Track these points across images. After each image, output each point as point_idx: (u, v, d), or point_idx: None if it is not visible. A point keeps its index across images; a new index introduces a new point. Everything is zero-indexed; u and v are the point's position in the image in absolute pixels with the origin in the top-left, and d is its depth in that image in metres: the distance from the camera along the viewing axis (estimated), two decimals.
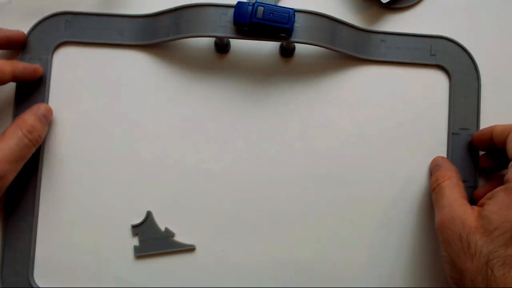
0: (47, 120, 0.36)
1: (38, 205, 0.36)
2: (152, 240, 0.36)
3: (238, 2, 0.33)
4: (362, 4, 0.39)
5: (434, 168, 0.36)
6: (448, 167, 0.35)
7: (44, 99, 0.37)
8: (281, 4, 0.38)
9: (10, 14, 0.38)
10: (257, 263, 0.37)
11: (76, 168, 0.37)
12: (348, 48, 0.37)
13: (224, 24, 0.34)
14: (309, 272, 0.37)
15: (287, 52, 0.38)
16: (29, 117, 0.34)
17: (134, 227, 0.36)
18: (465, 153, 0.37)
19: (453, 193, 0.33)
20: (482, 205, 0.31)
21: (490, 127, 0.35)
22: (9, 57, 0.37)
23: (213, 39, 0.37)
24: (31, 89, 0.37)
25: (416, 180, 0.37)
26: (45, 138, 0.37)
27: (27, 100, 0.37)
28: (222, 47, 0.37)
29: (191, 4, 0.35)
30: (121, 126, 0.37)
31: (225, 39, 0.37)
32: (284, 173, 0.37)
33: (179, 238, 0.37)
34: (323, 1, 0.39)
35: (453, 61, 0.38)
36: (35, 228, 0.36)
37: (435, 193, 0.34)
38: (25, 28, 0.37)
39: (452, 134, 0.38)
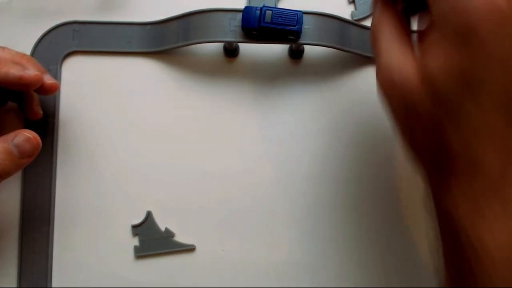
0: (22, 155, 0.30)
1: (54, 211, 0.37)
2: (152, 240, 0.36)
3: (246, 7, 0.33)
4: None
5: (374, 6, 0.29)
6: (387, 8, 0.27)
7: (55, 109, 0.37)
8: (280, 5, 0.38)
9: (10, 14, 0.38)
10: (257, 263, 0.37)
11: (82, 170, 0.37)
12: (358, 47, 0.36)
13: (233, 28, 0.34)
14: (309, 272, 0.37)
15: (296, 54, 0.38)
16: None
17: (134, 227, 0.36)
18: None
19: (390, 31, 0.26)
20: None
21: None
22: None
23: (222, 44, 0.37)
24: (42, 99, 0.37)
25: None
26: (57, 149, 0.37)
27: None
28: (231, 51, 0.37)
29: (199, 10, 0.35)
30: (126, 129, 0.37)
31: (234, 43, 0.37)
32: (288, 174, 0.37)
33: (179, 238, 0.37)
34: (324, 3, 0.38)
35: None
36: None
37: (373, 41, 0.27)
38: (25, 28, 0.38)
39: None
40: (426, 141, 0.24)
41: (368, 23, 0.38)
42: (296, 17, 0.33)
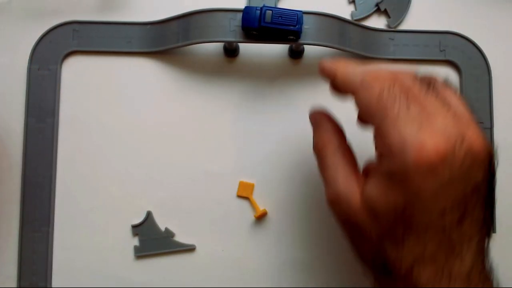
0: None
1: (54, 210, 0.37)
2: (152, 240, 0.36)
3: (246, 7, 0.33)
4: None
5: (312, 125, 0.32)
6: (327, 128, 0.30)
7: (55, 109, 0.37)
8: (280, 5, 0.38)
9: (10, 14, 0.38)
10: (257, 263, 0.37)
11: (82, 170, 0.37)
12: (357, 47, 0.37)
13: (233, 28, 0.34)
14: (309, 272, 0.37)
15: (296, 54, 0.38)
16: None
17: (134, 227, 0.37)
18: None
19: (336, 162, 0.29)
20: (367, 175, 0.28)
21: (333, 69, 0.29)
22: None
23: (222, 44, 0.37)
24: (42, 99, 0.37)
25: None
26: (57, 149, 0.37)
27: (38, 110, 0.37)
28: (231, 51, 0.37)
29: (199, 10, 0.35)
30: (126, 128, 0.37)
31: (234, 43, 0.37)
32: (289, 173, 0.37)
33: (179, 238, 0.37)
34: (324, 3, 0.38)
35: (463, 56, 0.38)
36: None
37: (318, 164, 0.30)
38: (25, 28, 0.38)
39: None
40: (370, 253, 0.27)
41: (368, 23, 0.39)
42: (296, 17, 0.33)
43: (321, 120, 0.31)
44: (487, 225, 0.26)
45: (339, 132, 0.31)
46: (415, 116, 0.25)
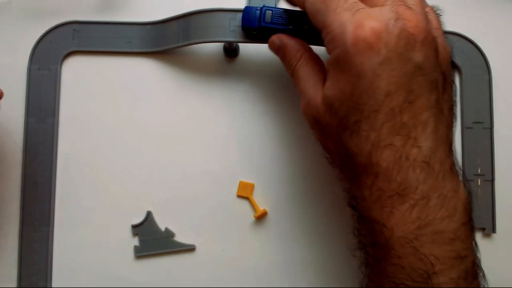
0: None
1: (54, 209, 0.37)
2: (152, 240, 0.36)
3: (246, 7, 0.33)
4: None
5: (279, 51, 0.33)
6: (293, 45, 0.32)
7: (55, 108, 0.37)
8: (280, 5, 0.38)
9: (10, 14, 0.38)
10: (257, 263, 0.37)
11: (82, 170, 0.37)
12: None
13: (233, 28, 0.34)
14: (309, 272, 0.37)
15: None
16: None
17: (134, 227, 0.37)
18: (480, 146, 0.37)
19: (307, 73, 0.31)
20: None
21: None
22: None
23: (222, 44, 0.37)
24: (42, 99, 0.37)
25: None
26: (57, 149, 0.37)
27: (38, 110, 0.37)
28: (231, 51, 0.37)
29: (199, 10, 0.35)
30: (126, 128, 0.37)
31: (234, 43, 0.37)
32: (289, 173, 0.37)
33: (179, 238, 0.37)
34: None
35: (463, 55, 0.38)
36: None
37: (293, 79, 0.32)
38: (25, 28, 0.38)
39: (466, 128, 0.37)
40: (336, 148, 0.29)
41: None
42: (296, 17, 0.33)
43: (285, 42, 0.33)
44: (444, 113, 0.28)
45: (304, 45, 0.33)
46: (351, 4, 0.27)
